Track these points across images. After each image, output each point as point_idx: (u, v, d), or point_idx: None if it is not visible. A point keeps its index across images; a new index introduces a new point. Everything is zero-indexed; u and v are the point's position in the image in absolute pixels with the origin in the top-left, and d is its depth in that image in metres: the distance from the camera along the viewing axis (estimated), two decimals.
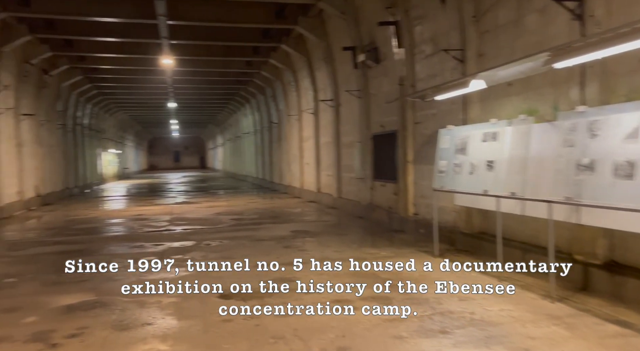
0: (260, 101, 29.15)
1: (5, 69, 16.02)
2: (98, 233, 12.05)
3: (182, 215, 15.18)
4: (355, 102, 14.06)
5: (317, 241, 9.95)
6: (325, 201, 17.11)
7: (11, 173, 16.91)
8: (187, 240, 10.41)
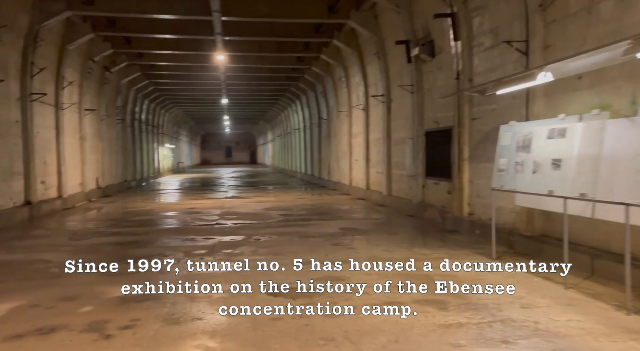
0: (310, 97, 29.15)
1: (70, 66, 16.80)
2: (153, 225, 12.39)
3: (232, 209, 15.38)
4: (407, 98, 13.68)
5: (367, 239, 9.73)
6: (375, 198, 16.82)
7: (74, 165, 17.77)
8: (236, 235, 10.47)
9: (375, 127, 17.13)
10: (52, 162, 15.61)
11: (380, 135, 16.32)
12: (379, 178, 16.77)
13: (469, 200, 10.36)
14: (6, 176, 12.42)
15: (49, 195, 15.21)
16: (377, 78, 16.48)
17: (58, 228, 11.99)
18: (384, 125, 15.65)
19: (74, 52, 16.88)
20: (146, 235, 10.63)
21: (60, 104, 16.06)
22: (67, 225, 12.65)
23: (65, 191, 16.29)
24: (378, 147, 16.79)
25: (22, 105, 13.33)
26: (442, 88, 11.55)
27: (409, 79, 13.37)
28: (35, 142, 14.12)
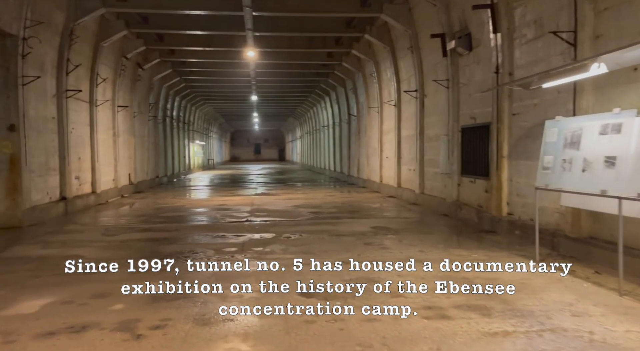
0: (339, 93, 28.88)
1: (104, 63, 17.03)
2: (183, 221, 12.40)
3: (262, 206, 15.29)
4: (442, 93, 13.25)
5: (400, 239, 9.43)
6: (406, 196, 16.44)
7: (107, 162, 18.04)
8: (267, 232, 10.34)
9: (408, 123, 16.74)
10: (86, 158, 15.87)
11: (413, 131, 15.92)
12: (411, 176, 16.39)
13: (507, 199, 9.92)
14: (42, 171, 12.65)
15: (83, 190, 15.47)
16: (409, 73, 16.08)
17: (91, 224, 12.14)
18: (417, 122, 15.25)
19: (107, 49, 17.10)
20: (177, 232, 10.62)
21: (95, 101, 16.30)
22: (100, 221, 12.81)
23: (98, 187, 16.54)
24: (410, 143, 16.40)
25: (58, 101, 13.56)
26: (480, 82, 11.11)
27: (444, 74, 12.95)
28: (70, 138, 14.36)
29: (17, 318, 5.00)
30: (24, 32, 11.13)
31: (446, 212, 12.78)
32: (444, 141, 13.00)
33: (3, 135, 11.04)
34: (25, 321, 4.88)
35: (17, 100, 11.11)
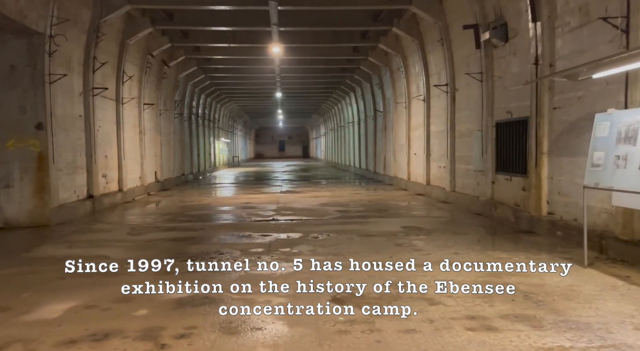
0: (365, 89, 28.40)
1: (130, 60, 17.03)
2: (209, 220, 12.22)
3: (288, 204, 15.02)
4: (474, 86, 12.70)
5: (433, 239, 8.99)
6: (436, 194, 15.93)
7: (134, 159, 18.07)
8: (293, 232, 10.05)
9: (437, 118, 16.20)
10: (113, 156, 15.89)
11: (443, 127, 15.39)
12: (440, 173, 15.86)
13: (548, 197, 9.36)
14: (70, 170, 12.66)
15: (110, 188, 15.49)
16: (439, 67, 15.53)
17: (118, 222, 12.08)
18: (448, 117, 14.71)
19: (133, 46, 17.09)
20: (203, 231, 10.43)
21: (121, 99, 16.31)
22: (126, 219, 12.75)
23: (125, 185, 16.57)
24: (440, 139, 15.86)
25: (85, 99, 13.56)
26: (516, 75, 10.54)
27: (477, 67, 12.39)
28: (97, 136, 14.36)
29: (38, 323, 4.82)
30: (51, 30, 11.10)
31: (479, 210, 12.25)
32: (477, 137, 12.46)
33: (31, 134, 11.04)
34: (47, 327, 4.69)
35: (44, 99, 11.10)
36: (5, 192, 11.00)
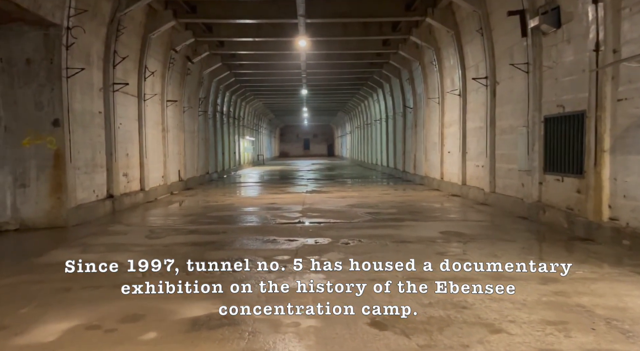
0: (394, 85, 27.39)
1: (152, 56, 16.52)
2: (232, 222, 11.53)
3: (314, 205, 14.24)
4: (519, 79, 11.64)
5: (477, 247, 8.05)
6: (473, 196, 14.88)
7: (156, 158, 17.59)
8: (321, 236, 9.25)
9: (475, 114, 15.14)
10: (134, 154, 15.41)
11: (482, 123, 14.33)
12: (478, 172, 14.81)
13: (610, 201, 8.29)
14: (89, 168, 12.17)
15: (131, 188, 15.00)
16: (478, 59, 14.47)
17: (137, 224, 11.51)
18: (487, 112, 13.65)
19: (156, 41, 16.58)
20: (224, 234, 9.73)
21: (143, 95, 15.81)
22: (146, 221, 12.18)
23: (147, 184, 16.07)
24: (478, 137, 14.81)
25: (105, 95, 13.06)
26: (570, 64, 9.47)
27: (522, 57, 11.33)
28: (118, 134, 13.87)
29: (30, 348, 4.15)
30: (68, 22, 10.56)
31: (524, 214, 11.20)
32: (521, 133, 11.39)
33: (47, 131, 10.54)
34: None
35: (62, 94, 10.57)
36: (21, 192, 10.54)
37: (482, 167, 14.31)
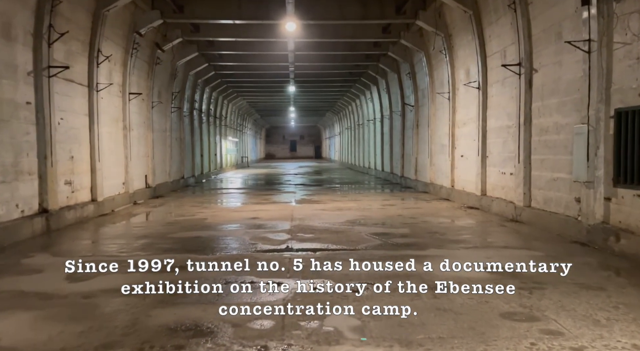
0: (391, 80, 24.77)
1: (109, 37, 13.60)
2: (197, 250, 8.64)
3: (305, 222, 11.45)
4: (570, 63, 9.06)
5: (558, 304, 5.36)
6: (498, 209, 12.23)
7: (115, 161, 14.64)
8: (319, 277, 6.51)
9: (499, 110, 12.52)
10: (82, 157, 12.46)
11: (510, 121, 11.72)
12: (504, 181, 12.18)
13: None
14: (8, 176, 9.23)
15: (77, 199, 12.05)
16: (506, 42, 11.86)
17: (68, 252, 8.57)
18: (520, 107, 11.02)
19: (114, 20, 13.69)
20: (182, 273, 6.88)
21: (95, 84, 12.86)
22: (80, 247, 9.24)
23: (100, 193, 13.13)
24: (504, 138, 12.19)
25: (36, 81, 10.13)
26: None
27: (577, 33, 8.71)
28: (58, 132, 10.96)
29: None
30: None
31: (581, 238, 8.57)
32: (578, 133, 8.73)
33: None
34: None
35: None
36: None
37: (511, 175, 11.68)
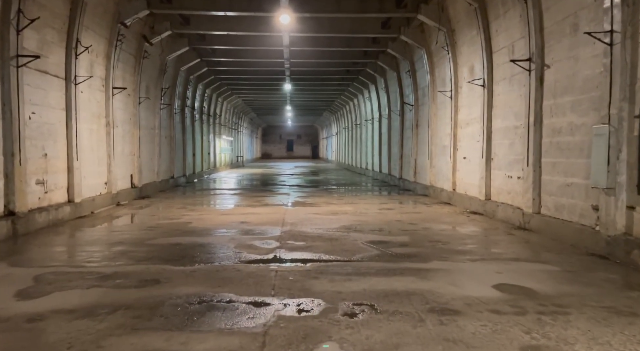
0: (390, 79, 23.96)
1: (89, 26, 12.75)
2: (175, 259, 7.78)
3: (297, 227, 10.61)
4: (587, 57, 8.25)
5: (588, 334, 4.53)
6: (503, 215, 11.42)
7: (96, 159, 13.76)
8: (308, 295, 5.67)
9: (506, 109, 11.71)
10: (58, 155, 11.58)
11: (518, 121, 10.91)
12: (511, 185, 11.37)
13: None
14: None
15: (51, 200, 11.17)
16: (515, 36, 11.05)
17: (29, 261, 7.69)
18: (529, 106, 10.20)
19: (95, 9, 12.84)
20: (153, 288, 6.03)
21: (74, 77, 11.98)
22: (50, 254, 8.36)
23: (78, 193, 12.25)
24: (511, 139, 11.38)
25: (2, 71, 9.23)
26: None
27: (596, 23, 7.91)
28: (29, 127, 10.08)
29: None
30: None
31: (599, 250, 7.76)
32: (598, 134, 7.91)
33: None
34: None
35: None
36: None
37: (519, 179, 10.88)
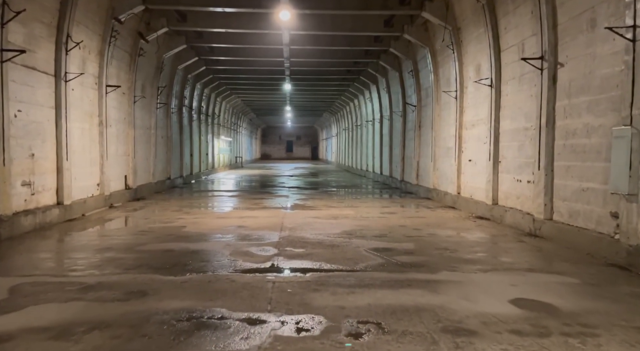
0: (392, 79, 23.47)
1: (81, 22, 12.26)
2: (165, 268, 7.26)
3: (296, 232, 10.11)
4: (605, 55, 7.76)
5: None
6: (512, 221, 10.92)
7: (88, 160, 13.25)
8: (308, 311, 5.18)
9: (515, 110, 11.21)
10: (47, 155, 11.07)
11: (528, 122, 10.42)
12: (520, 190, 10.87)
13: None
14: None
15: (39, 202, 10.66)
16: (525, 33, 10.56)
17: (4, 271, 7.16)
18: (541, 107, 9.71)
19: (88, 3, 12.39)
20: (138, 301, 5.52)
21: (64, 74, 11.48)
22: (25, 263, 7.82)
23: (68, 195, 11.73)
24: (521, 141, 10.89)
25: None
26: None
27: (617, 18, 7.42)
28: (14, 125, 9.58)
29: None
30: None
31: (618, 260, 7.26)
32: (619, 136, 7.41)
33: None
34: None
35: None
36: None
37: (529, 183, 10.38)
